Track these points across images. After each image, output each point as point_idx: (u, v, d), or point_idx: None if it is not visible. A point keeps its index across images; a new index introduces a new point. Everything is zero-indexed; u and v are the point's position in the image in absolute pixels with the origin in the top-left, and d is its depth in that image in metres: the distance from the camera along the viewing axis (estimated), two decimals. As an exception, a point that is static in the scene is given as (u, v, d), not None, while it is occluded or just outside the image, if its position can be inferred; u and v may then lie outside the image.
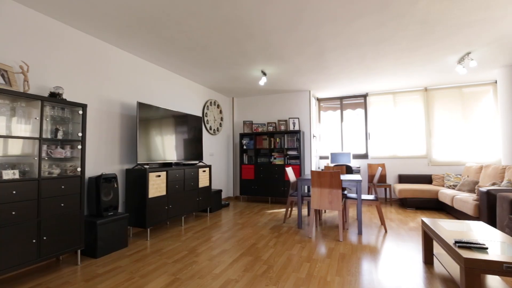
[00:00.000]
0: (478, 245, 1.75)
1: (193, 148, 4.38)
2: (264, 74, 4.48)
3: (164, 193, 3.45)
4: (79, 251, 2.52)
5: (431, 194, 4.61)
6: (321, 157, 6.31)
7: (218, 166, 5.76)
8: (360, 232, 3.33)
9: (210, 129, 5.45)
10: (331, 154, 5.77)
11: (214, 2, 2.42)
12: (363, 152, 5.92)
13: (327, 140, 6.30)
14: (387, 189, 5.72)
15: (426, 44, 3.36)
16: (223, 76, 4.66)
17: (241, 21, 2.75)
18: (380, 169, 3.77)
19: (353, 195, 3.73)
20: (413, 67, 4.25)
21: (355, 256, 2.62)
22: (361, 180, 3.38)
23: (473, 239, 1.89)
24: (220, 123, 5.85)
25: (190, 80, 4.87)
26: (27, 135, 2.21)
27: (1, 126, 2.07)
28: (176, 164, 4.06)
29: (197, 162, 4.63)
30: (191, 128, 4.35)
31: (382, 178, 5.51)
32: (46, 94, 2.59)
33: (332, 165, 5.60)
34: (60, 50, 2.73)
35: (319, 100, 6.38)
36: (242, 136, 5.83)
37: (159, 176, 3.38)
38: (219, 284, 2.09)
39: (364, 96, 5.95)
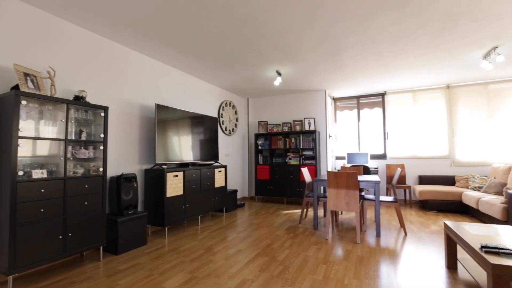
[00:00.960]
0: (507, 251, 1.66)
1: (209, 148, 4.44)
2: (279, 74, 4.47)
3: (181, 192, 3.52)
4: (101, 247, 2.62)
5: (454, 196, 4.42)
6: (337, 158, 6.21)
7: (233, 167, 5.80)
8: (378, 235, 3.24)
9: (226, 129, 5.50)
10: (348, 154, 5.66)
11: (229, 3, 2.44)
12: (381, 152, 5.77)
13: (343, 140, 6.19)
14: (407, 190, 5.53)
15: (448, 40, 3.23)
16: (238, 77, 4.69)
17: (255, 21, 2.76)
18: (399, 169, 3.66)
19: (371, 197, 3.64)
20: (434, 64, 4.09)
21: (373, 259, 2.56)
22: (379, 181, 3.29)
23: (501, 244, 1.79)
24: (236, 124, 5.89)
25: (206, 82, 4.94)
26: (54, 136, 2.33)
27: (30, 128, 2.19)
28: (193, 164, 4.14)
29: (213, 162, 4.69)
30: (207, 128, 4.41)
31: (402, 179, 5.34)
32: (70, 98, 2.71)
33: (349, 165, 5.50)
34: (83, 55, 2.86)
35: (335, 99, 6.28)
36: (257, 136, 5.84)
37: (177, 176, 3.46)
38: (235, 283, 2.11)
39: (382, 95, 5.79)
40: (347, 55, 3.70)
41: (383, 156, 5.73)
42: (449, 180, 5.05)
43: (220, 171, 4.40)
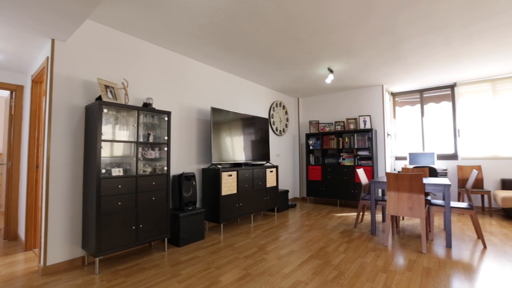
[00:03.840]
0: None
1: (260, 149, 4.53)
2: (331, 71, 4.31)
3: (235, 191, 3.67)
4: (166, 239, 2.90)
5: (551, 205, 3.66)
6: (397, 158, 5.71)
7: (284, 167, 5.81)
8: (449, 245, 2.88)
9: (276, 130, 5.54)
10: (410, 154, 5.15)
11: (277, 4, 2.45)
12: (450, 152, 5.10)
13: (404, 139, 5.65)
14: (485, 196, 4.78)
15: (541, 18, 2.70)
16: (288, 77, 4.68)
17: (304, 19, 2.72)
18: (475, 172, 3.20)
19: (440, 202, 3.26)
20: (521, 48, 3.45)
21: (443, 273, 2.29)
22: (449, 185, 2.92)
23: None
24: (286, 124, 5.88)
25: (257, 84, 5.05)
26: (127, 139, 2.67)
27: (109, 132, 2.55)
28: (245, 164, 4.27)
29: (264, 162, 4.77)
30: (258, 129, 4.51)
31: (478, 183, 4.64)
32: (140, 105, 3.06)
33: (411, 166, 5.02)
34: (149, 66, 3.20)
35: (393, 94, 5.78)
36: (308, 136, 5.73)
37: (231, 175, 3.61)
38: (289, 284, 2.11)
39: (451, 87, 5.12)
40: (408, 46, 3.38)
41: (453, 156, 5.06)
42: (544, 186, 4.20)
43: (271, 171, 4.45)
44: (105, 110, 2.41)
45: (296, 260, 2.58)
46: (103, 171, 2.39)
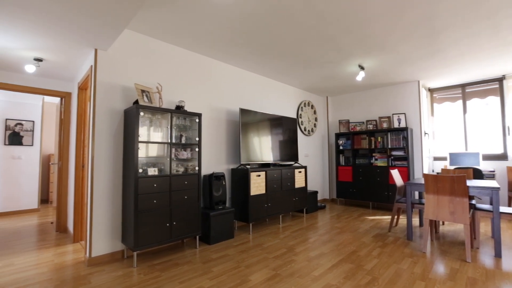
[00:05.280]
0: None
1: (289, 149, 4.50)
2: (362, 68, 4.16)
3: (263, 191, 3.69)
4: (197, 237, 3.00)
5: None
6: (435, 158, 5.33)
7: (313, 167, 5.71)
8: (498, 255, 2.63)
9: (305, 130, 5.46)
10: (450, 154, 4.78)
11: (307, 2, 2.42)
12: (499, 151, 4.65)
13: (444, 137, 5.26)
14: (542, 201, 4.28)
15: None
16: (317, 76, 4.59)
17: (335, 15, 2.65)
18: (529, 174, 2.88)
19: (486, 207, 2.99)
20: None
21: (492, 285, 2.09)
22: (498, 188, 2.66)
23: None
24: (315, 124, 5.78)
25: (284, 83, 5.02)
26: (161, 140, 2.80)
27: (145, 134, 2.70)
28: (273, 164, 4.27)
29: (292, 163, 4.73)
30: (286, 129, 4.49)
31: (533, 187, 4.17)
32: (173, 107, 3.20)
33: (452, 167, 4.66)
34: (180, 70, 3.33)
35: (431, 90, 5.41)
36: (338, 136, 5.57)
37: (259, 175, 3.64)
38: (319, 287, 2.07)
39: (499, 80, 4.66)
40: (449, 38, 3.14)
41: (502, 157, 4.60)
42: None
43: (300, 172, 4.40)
44: (141, 113, 2.56)
45: (327, 263, 2.53)
46: (140, 170, 2.54)
